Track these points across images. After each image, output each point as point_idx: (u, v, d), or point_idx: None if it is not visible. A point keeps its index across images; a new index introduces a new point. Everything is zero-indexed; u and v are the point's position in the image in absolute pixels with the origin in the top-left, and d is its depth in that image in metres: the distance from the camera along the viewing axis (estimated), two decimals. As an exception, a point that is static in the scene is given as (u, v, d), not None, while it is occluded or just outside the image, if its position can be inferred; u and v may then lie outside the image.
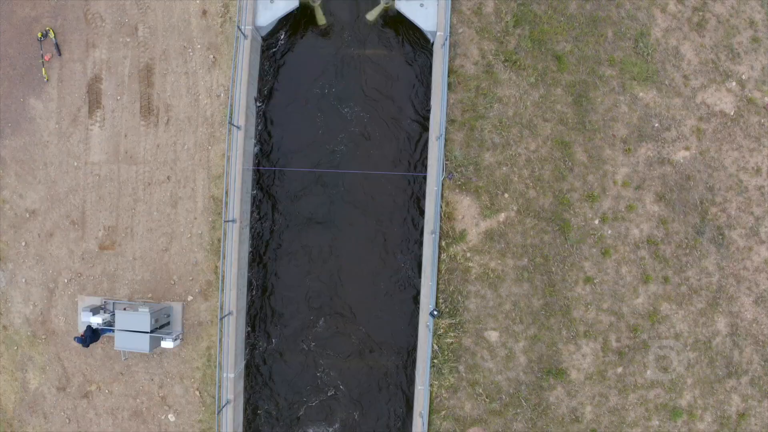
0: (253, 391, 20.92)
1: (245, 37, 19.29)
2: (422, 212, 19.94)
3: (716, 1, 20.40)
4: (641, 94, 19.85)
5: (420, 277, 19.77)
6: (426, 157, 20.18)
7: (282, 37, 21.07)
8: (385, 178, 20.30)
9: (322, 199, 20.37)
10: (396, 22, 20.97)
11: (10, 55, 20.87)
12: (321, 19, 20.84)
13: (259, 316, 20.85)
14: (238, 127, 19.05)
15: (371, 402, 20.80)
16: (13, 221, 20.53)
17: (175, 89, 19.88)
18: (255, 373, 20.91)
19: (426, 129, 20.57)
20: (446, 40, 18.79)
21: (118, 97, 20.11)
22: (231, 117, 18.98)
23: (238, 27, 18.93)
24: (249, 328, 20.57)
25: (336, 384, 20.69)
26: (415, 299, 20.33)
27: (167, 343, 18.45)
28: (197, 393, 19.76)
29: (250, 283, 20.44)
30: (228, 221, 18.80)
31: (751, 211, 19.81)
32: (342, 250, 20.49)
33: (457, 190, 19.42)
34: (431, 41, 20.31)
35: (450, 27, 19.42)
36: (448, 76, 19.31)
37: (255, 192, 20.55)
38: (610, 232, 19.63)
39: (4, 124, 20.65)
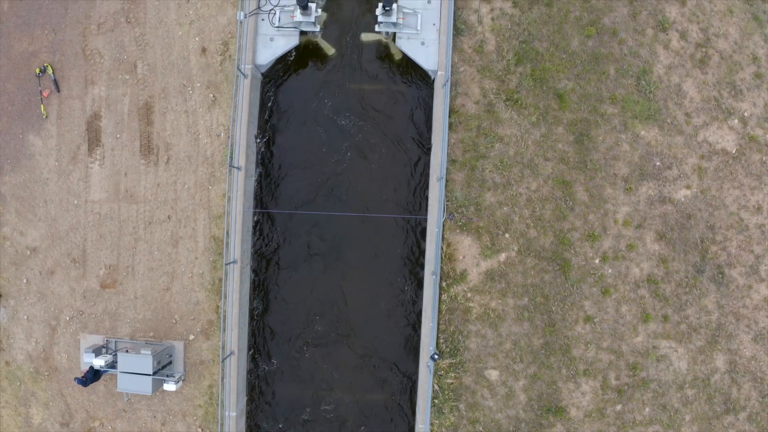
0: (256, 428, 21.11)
1: (245, 76, 19.17)
2: (423, 251, 19.94)
3: (719, 36, 20.26)
4: (643, 132, 19.78)
5: (420, 316, 19.83)
6: (427, 196, 20.14)
7: (281, 70, 20.92)
8: (385, 217, 20.28)
9: (323, 238, 20.35)
10: (394, 60, 20.83)
11: (9, 91, 20.75)
12: (329, 49, 20.68)
13: (260, 353, 20.95)
14: (239, 168, 18.99)
15: (372, 436, 21.01)
16: (14, 258, 20.54)
17: (175, 128, 19.79)
18: (256, 411, 21.06)
19: (427, 165, 20.50)
20: (447, 81, 18.67)
21: (118, 135, 20.02)
22: (231, 159, 18.91)
23: (238, 68, 18.80)
24: (251, 365, 20.67)
25: (338, 420, 20.84)
26: (417, 341, 20.39)
27: (169, 386, 18.56)
28: (199, 431, 19.92)
29: (251, 316, 20.49)
30: (229, 264, 18.81)
31: (752, 249, 19.83)
32: (343, 288, 20.52)
33: (457, 231, 19.42)
34: (432, 77, 20.19)
35: (451, 66, 19.29)
36: (449, 116, 19.23)
37: (256, 224, 20.53)
38: (610, 271, 19.67)
39: (3, 161, 20.59)
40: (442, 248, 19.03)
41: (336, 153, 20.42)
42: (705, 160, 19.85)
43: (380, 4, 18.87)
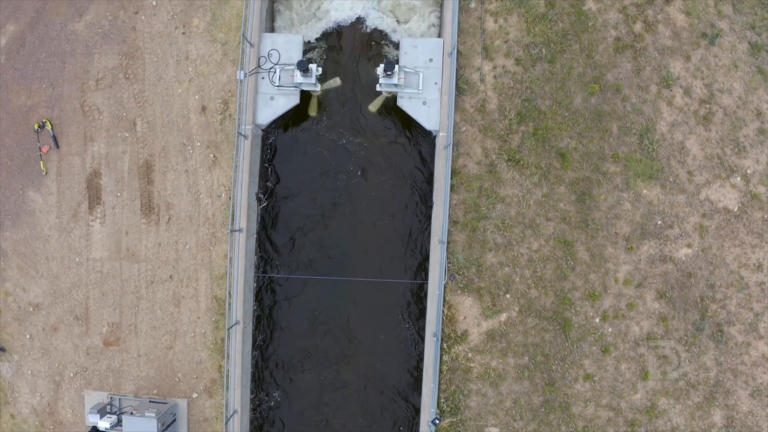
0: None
1: (245, 137, 19.04)
2: (424, 310, 20.03)
3: (724, 92, 20.09)
4: (645, 191, 19.73)
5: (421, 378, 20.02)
6: (428, 255, 20.16)
7: (282, 123, 20.78)
8: (387, 271, 20.35)
9: (324, 298, 20.44)
10: (398, 110, 20.65)
11: (7, 145, 20.63)
12: (313, 110, 20.53)
13: (264, 415, 21.19)
14: (240, 230, 18.98)
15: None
16: (16, 314, 20.63)
17: (175, 187, 19.73)
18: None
19: (429, 222, 20.49)
20: (449, 145, 18.55)
21: (118, 194, 19.96)
22: (233, 222, 18.89)
23: (239, 132, 18.66)
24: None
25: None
26: (417, 401, 20.57)
27: (174, 448, 18.82)
28: (204, 485, 20.23)
29: (253, 377, 20.68)
30: (231, 327, 18.92)
31: (751, 307, 19.92)
32: (344, 350, 20.67)
33: (459, 291, 19.49)
34: (434, 135, 20.07)
35: (453, 126, 19.16)
36: (451, 177, 19.15)
37: (258, 290, 20.59)
38: (610, 330, 19.79)
39: (4, 216, 20.56)
40: (443, 311, 19.11)
41: (337, 211, 20.40)
42: (706, 219, 19.83)
43: (381, 67, 18.67)
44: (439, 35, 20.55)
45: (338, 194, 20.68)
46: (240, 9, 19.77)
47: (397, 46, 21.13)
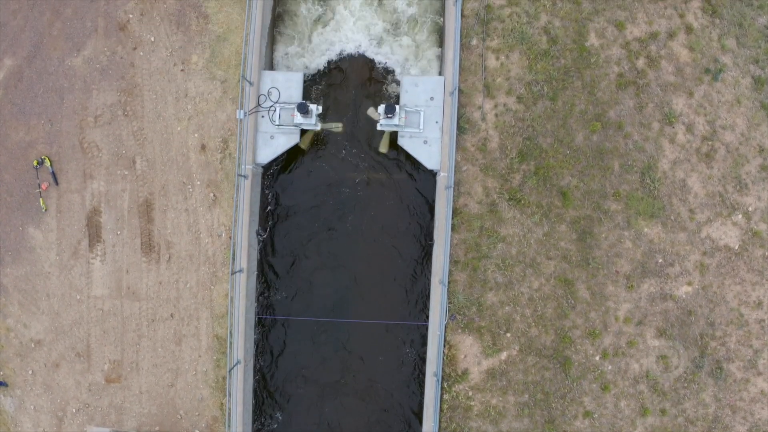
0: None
1: (245, 178, 18.96)
2: (423, 352, 20.10)
3: (726, 128, 20.00)
4: (646, 229, 19.70)
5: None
6: (428, 292, 20.17)
7: (282, 159, 20.69)
8: (387, 311, 20.38)
9: (325, 339, 20.49)
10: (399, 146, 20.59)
11: (6, 181, 20.55)
12: (305, 143, 20.35)
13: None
14: (241, 271, 18.98)
15: None
16: (18, 349, 20.69)
17: (175, 226, 19.68)
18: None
19: (429, 258, 20.49)
20: (450, 187, 18.48)
21: (118, 232, 19.92)
22: (233, 261, 18.87)
23: (239, 174, 18.58)
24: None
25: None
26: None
27: (176, 487, 18.96)
28: None
29: (255, 410, 20.80)
30: (233, 367, 18.98)
31: (750, 344, 19.98)
32: (344, 390, 20.76)
33: (459, 331, 19.53)
34: (435, 173, 19.99)
35: (454, 167, 19.08)
36: (452, 218, 19.10)
37: (260, 337, 20.64)
38: (610, 367, 19.86)
39: (4, 252, 20.53)
40: (444, 352, 19.17)
41: (338, 251, 20.38)
42: (707, 257, 19.82)
43: (382, 108, 18.55)
44: (440, 72, 20.40)
45: (338, 229, 20.64)
46: (239, 46, 19.61)
47: (396, 79, 20.99)
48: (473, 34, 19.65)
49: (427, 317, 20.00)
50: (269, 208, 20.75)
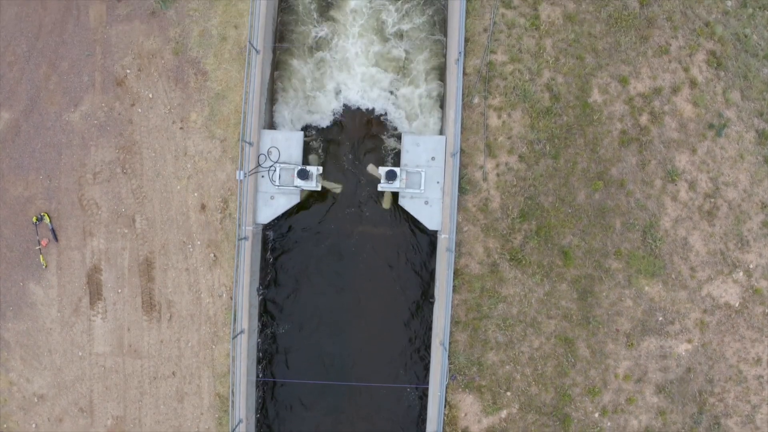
0: None
1: (246, 239, 18.90)
2: (423, 413, 20.23)
3: (729, 185, 19.90)
4: (647, 288, 19.70)
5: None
6: (429, 350, 20.24)
7: (283, 216, 20.59)
8: (387, 372, 20.46)
9: (326, 403, 20.60)
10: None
11: (6, 236, 20.47)
12: (335, 188, 20.35)
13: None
14: (242, 332, 19.02)
15: None
16: (21, 403, 20.80)
17: (176, 285, 19.67)
18: None
19: (430, 316, 20.53)
20: (452, 251, 18.42)
21: (119, 290, 19.91)
22: (234, 321, 18.89)
23: (239, 238, 18.51)
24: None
25: None
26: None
27: None
28: None
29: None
30: (235, 427, 19.11)
31: (749, 399, 20.12)
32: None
33: (459, 390, 19.63)
34: (437, 231, 19.94)
35: (455, 229, 19.00)
36: (453, 279, 19.08)
37: (261, 399, 20.74)
38: (609, 424, 20.01)
39: (5, 307, 20.54)
40: (444, 412, 19.29)
41: (338, 308, 20.40)
42: (707, 315, 19.86)
43: (383, 171, 18.43)
44: (441, 130, 20.23)
45: (337, 285, 20.64)
46: (238, 104, 19.39)
47: (396, 133, 20.82)
48: (475, 92, 19.43)
49: (427, 374, 20.09)
50: (270, 259, 20.71)
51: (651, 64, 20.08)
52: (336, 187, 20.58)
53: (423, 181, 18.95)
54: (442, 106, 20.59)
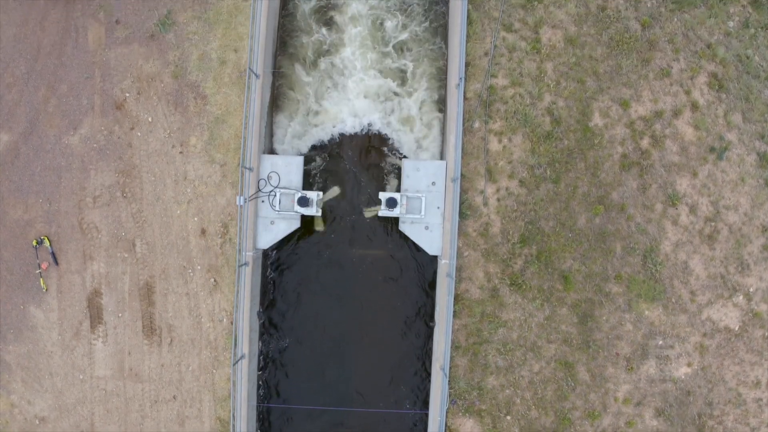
0: None
1: (246, 264, 18.89)
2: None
3: (730, 209, 19.87)
4: (647, 312, 19.72)
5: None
6: (429, 374, 20.29)
7: (284, 239, 20.58)
8: (387, 397, 20.51)
9: (326, 428, 20.68)
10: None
11: (6, 259, 20.47)
12: (319, 225, 20.37)
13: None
14: (243, 357, 19.05)
15: None
16: (23, 425, 20.86)
17: (176, 310, 19.68)
18: None
19: (430, 340, 20.55)
20: (452, 278, 18.41)
21: (120, 314, 19.93)
22: (235, 346, 18.92)
23: (239, 265, 18.50)
24: None
25: None
26: None
27: None
28: None
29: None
30: (236, 452, 19.20)
31: (748, 422, 20.19)
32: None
33: (459, 414, 19.69)
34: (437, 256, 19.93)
35: (456, 255, 18.99)
36: (454, 304, 19.09)
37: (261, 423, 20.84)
38: (609, 447, 20.11)
39: (6, 330, 20.57)
40: (444, 437, 19.39)
41: (337, 331, 20.44)
42: (707, 338, 19.89)
43: (383, 200, 18.40)
44: (441, 154, 20.18)
45: (338, 309, 20.65)
46: (238, 129, 19.33)
47: (396, 153, 20.78)
48: (476, 116, 19.37)
49: (428, 398, 20.14)
50: (270, 279, 20.72)
51: (652, 87, 20.00)
52: (334, 192, 20.49)
53: (423, 207, 18.92)
54: (442, 130, 20.53)
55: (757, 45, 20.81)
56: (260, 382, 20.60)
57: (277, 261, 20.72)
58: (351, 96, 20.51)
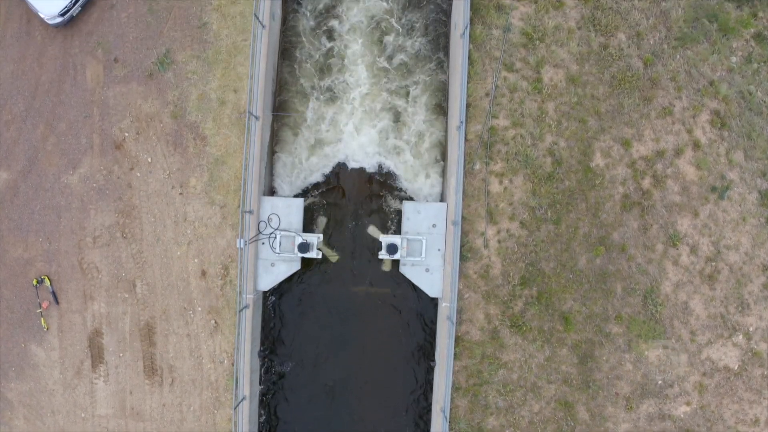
0: None
1: (247, 307, 18.90)
2: (426, 472, 20.45)
3: (731, 249, 19.86)
4: (647, 352, 19.77)
5: None
6: (429, 415, 20.38)
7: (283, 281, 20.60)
8: (389, 433, 20.64)
9: None
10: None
11: (7, 297, 20.47)
12: (333, 256, 20.34)
13: None
14: (244, 398, 19.12)
15: None
16: (25, 461, 21.01)
17: (177, 351, 19.72)
18: None
19: (430, 378, 20.63)
20: (453, 323, 18.42)
21: (121, 354, 19.96)
22: (237, 389, 18.98)
23: (240, 310, 18.51)
24: None
25: None
26: None
27: None
28: None
29: None
30: (237, 492, 19.32)
31: (746, 459, 20.34)
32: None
33: (460, 453, 19.83)
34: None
35: (456, 299, 18.99)
36: (454, 346, 19.12)
37: None
38: (608, 485, 20.25)
39: (7, 368, 20.62)
40: (445, 478, 19.50)
41: (337, 370, 20.49)
42: (707, 377, 19.95)
43: (384, 244, 18.37)
44: (442, 196, 20.11)
45: (339, 347, 20.71)
46: (238, 170, 19.25)
47: (397, 190, 20.73)
48: (476, 158, 19.28)
49: (429, 440, 20.30)
50: (271, 315, 20.75)
51: (654, 126, 19.91)
52: (333, 256, 20.54)
53: (424, 249, 18.90)
54: (443, 170, 20.46)
55: (759, 80, 20.69)
56: (261, 420, 20.69)
57: (278, 298, 20.72)
58: (352, 135, 20.40)
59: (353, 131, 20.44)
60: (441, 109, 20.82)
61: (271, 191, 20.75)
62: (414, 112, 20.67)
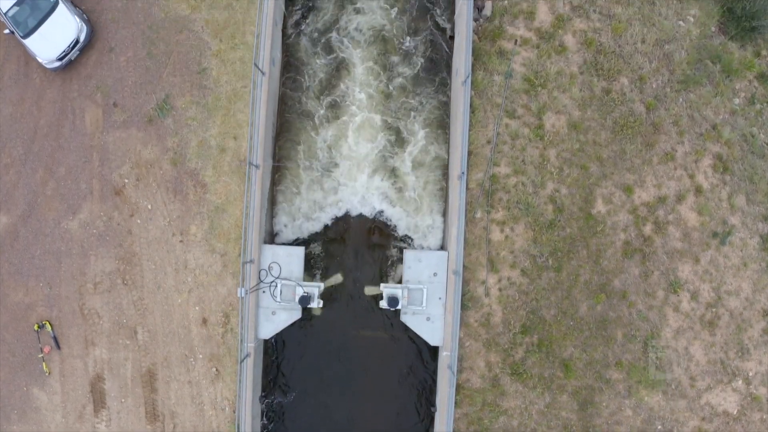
0: None
1: (248, 356, 18.93)
2: None
3: (731, 294, 19.87)
4: (647, 398, 19.84)
5: None
6: (431, 458, 20.52)
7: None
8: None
9: None
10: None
11: (8, 341, 20.49)
12: (338, 279, 20.39)
13: None
14: (246, 445, 19.23)
15: None
16: (29, 503, 21.14)
17: (179, 397, 19.77)
18: None
19: (431, 424, 20.71)
20: (454, 372, 18.46)
21: (123, 400, 20.02)
22: (238, 437, 19.10)
23: (241, 359, 18.54)
24: None
25: None
26: None
27: None
28: None
29: None
30: None
31: (744, 502, 20.49)
32: None
33: (460, 498, 19.95)
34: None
35: (457, 347, 19.02)
36: (455, 394, 19.18)
37: None
38: None
39: (10, 410, 20.68)
40: None
41: (338, 422, 20.57)
42: (706, 422, 20.04)
43: (385, 296, 18.36)
44: (443, 245, 20.07)
45: (340, 391, 20.77)
46: (238, 218, 19.19)
47: (397, 237, 20.70)
48: (478, 206, 19.22)
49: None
50: (272, 362, 20.81)
51: (656, 172, 19.84)
52: (336, 280, 20.53)
53: (425, 298, 18.90)
54: (445, 218, 20.41)
55: (762, 122, 20.62)
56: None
57: (280, 344, 20.76)
58: (353, 183, 20.33)
59: (355, 180, 20.37)
60: (442, 160, 20.75)
61: (272, 235, 20.71)
62: (415, 162, 20.64)
